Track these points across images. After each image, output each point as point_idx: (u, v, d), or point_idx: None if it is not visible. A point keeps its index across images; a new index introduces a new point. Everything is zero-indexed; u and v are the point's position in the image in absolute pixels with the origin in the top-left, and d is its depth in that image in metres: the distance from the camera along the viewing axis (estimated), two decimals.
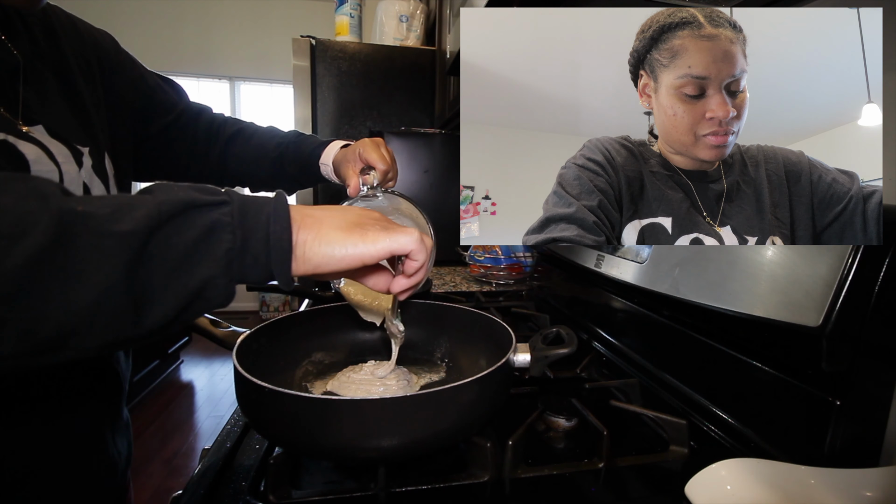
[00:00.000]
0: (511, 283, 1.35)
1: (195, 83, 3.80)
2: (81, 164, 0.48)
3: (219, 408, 2.51)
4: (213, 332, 0.54)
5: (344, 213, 0.39)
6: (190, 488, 0.44)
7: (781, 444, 0.50)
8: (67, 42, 0.52)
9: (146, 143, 0.64)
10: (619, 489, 0.47)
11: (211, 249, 0.31)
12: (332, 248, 0.36)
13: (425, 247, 0.39)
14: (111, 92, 0.57)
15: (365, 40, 1.99)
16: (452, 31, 1.40)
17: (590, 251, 0.88)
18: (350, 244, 0.36)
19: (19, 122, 0.43)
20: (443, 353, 0.64)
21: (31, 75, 0.46)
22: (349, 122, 1.90)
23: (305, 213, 0.36)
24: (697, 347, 0.62)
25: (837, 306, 0.43)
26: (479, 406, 0.43)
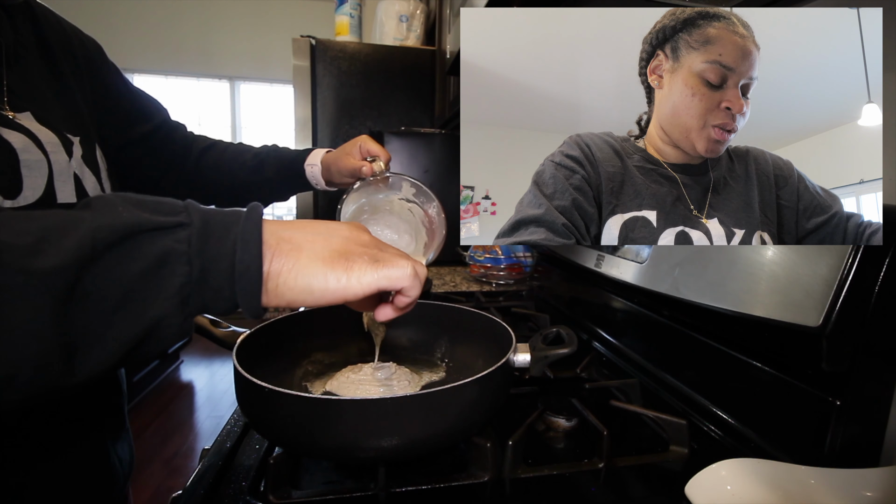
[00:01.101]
0: (511, 283, 1.35)
1: (195, 83, 3.80)
2: (71, 153, 0.46)
3: (219, 408, 2.51)
4: (213, 332, 0.54)
5: (328, 238, 0.33)
6: (190, 488, 0.44)
7: (781, 444, 0.50)
8: (53, 34, 0.51)
9: (127, 149, 0.64)
10: (619, 489, 0.47)
11: (162, 284, 0.26)
12: (309, 282, 0.30)
13: (419, 281, 0.35)
14: (97, 89, 0.57)
15: (365, 40, 1.99)
16: (452, 31, 1.40)
17: (590, 251, 0.88)
18: (332, 279, 0.31)
19: (6, 108, 0.42)
20: (443, 353, 0.64)
21: (15, 60, 0.45)
22: (349, 122, 1.90)
23: (282, 237, 0.31)
24: (697, 347, 0.62)
25: (837, 306, 0.43)
26: (479, 406, 0.43)
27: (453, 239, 0.58)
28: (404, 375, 0.56)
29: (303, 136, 1.85)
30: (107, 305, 0.25)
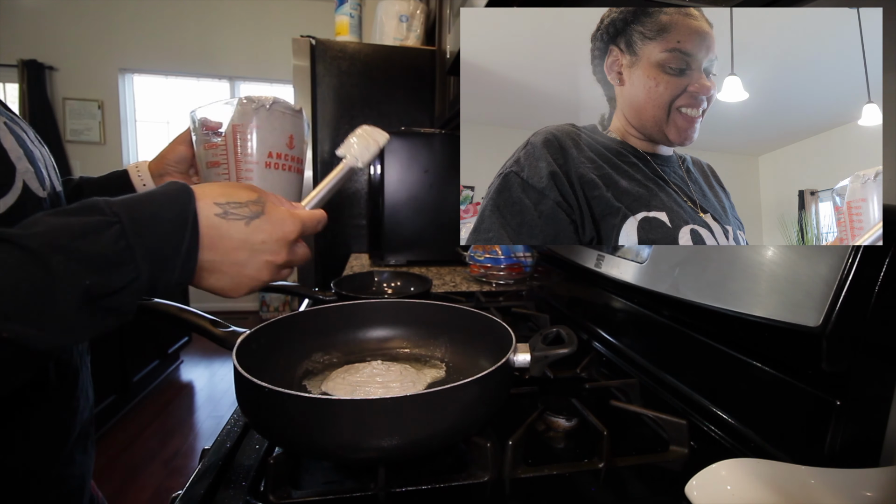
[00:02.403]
0: (511, 283, 1.35)
1: (195, 83, 3.81)
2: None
3: (219, 408, 2.51)
4: (213, 332, 0.54)
5: (243, 266, 0.42)
6: (190, 488, 0.44)
7: (781, 444, 0.50)
8: None
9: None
10: (619, 489, 0.47)
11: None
12: (223, 291, 0.42)
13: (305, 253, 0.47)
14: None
15: (365, 40, 1.99)
16: (452, 31, 1.40)
17: (590, 251, 0.88)
18: (241, 293, 0.43)
19: None
20: (443, 353, 0.64)
21: None
22: (349, 122, 1.90)
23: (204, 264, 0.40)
24: (697, 347, 0.62)
25: (837, 306, 0.43)
26: (479, 406, 0.43)
27: (453, 239, 0.58)
28: (404, 375, 0.56)
29: None
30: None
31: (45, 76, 3.48)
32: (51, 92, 3.56)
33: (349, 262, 1.71)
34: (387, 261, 1.60)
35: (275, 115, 0.58)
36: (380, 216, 1.58)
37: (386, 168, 1.54)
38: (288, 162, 0.61)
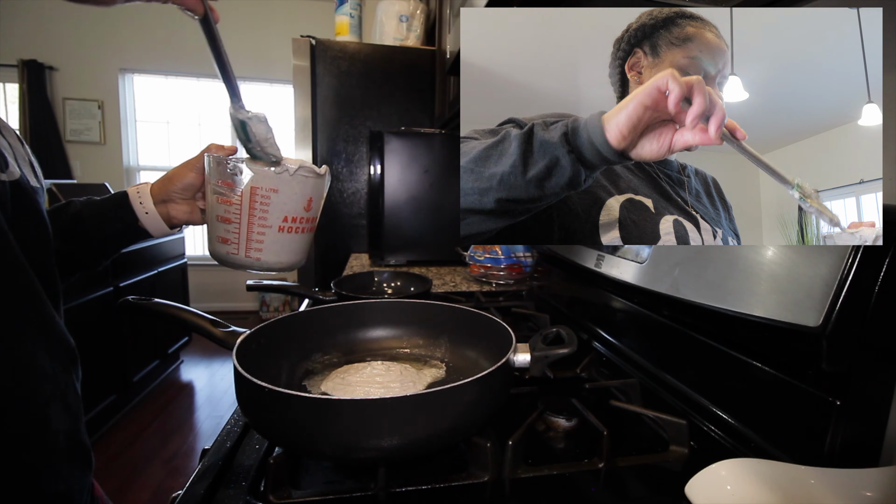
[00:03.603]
0: (511, 283, 1.35)
1: (195, 83, 3.80)
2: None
3: (219, 408, 2.51)
4: (213, 332, 0.54)
5: None
6: (190, 488, 0.44)
7: (781, 444, 0.50)
8: None
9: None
10: (619, 489, 0.47)
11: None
12: None
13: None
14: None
15: (365, 40, 1.99)
16: (452, 31, 1.40)
17: (590, 251, 0.88)
18: None
19: None
20: (443, 353, 0.64)
21: None
22: (349, 123, 1.90)
23: None
24: (697, 347, 0.62)
25: (837, 306, 0.43)
26: (479, 406, 0.43)
27: (454, 239, 0.58)
28: (404, 375, 0.56)
29: (303, 137, 1.86)
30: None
31: (45, 76, 3.48)
32: (51, 92, 3.55)
33: (349, 262, 1.71)
34: (387, 261, 1.60)
35: (297, 180, 0.56)
36: (380, 216, 1.58)
37: (386, 168, 1.54)
38: (302, 224, 0.58)
